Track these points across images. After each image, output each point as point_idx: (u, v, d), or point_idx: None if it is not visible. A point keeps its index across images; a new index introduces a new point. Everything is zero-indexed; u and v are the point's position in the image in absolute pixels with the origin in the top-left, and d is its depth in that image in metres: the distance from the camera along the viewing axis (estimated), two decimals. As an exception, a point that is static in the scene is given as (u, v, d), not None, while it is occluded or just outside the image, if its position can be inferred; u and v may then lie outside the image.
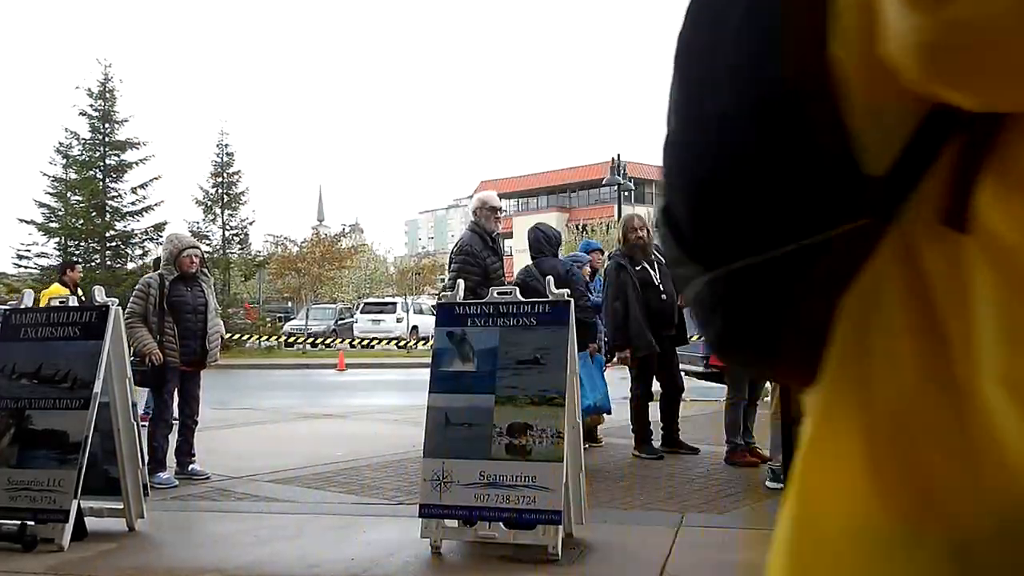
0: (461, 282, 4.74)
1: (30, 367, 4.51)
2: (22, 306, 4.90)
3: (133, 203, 26.00)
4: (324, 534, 4.39)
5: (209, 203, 29.03)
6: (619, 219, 17.18)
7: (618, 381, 9.88)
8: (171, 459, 5.95)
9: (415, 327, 27.16)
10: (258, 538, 4.33)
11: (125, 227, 25.97)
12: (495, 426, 3.95)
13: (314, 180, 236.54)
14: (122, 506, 4.51)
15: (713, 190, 0.55)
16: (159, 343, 5.79)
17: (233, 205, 29.18)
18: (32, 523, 4.17)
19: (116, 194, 25.83)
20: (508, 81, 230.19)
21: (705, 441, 7.08)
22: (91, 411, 4.29)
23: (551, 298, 4.15)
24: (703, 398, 10.70)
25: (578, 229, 47.16)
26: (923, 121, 0.48)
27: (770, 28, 0.52)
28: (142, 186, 25.95)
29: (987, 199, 0.45)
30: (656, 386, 6.93)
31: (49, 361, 4.48)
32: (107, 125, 25.54)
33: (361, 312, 31.79)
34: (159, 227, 25.70)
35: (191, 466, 6.01)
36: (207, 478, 5.95)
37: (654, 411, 6.88)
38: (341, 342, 25.51)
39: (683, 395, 7.13)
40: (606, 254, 8.00)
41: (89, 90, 25.38)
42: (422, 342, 20.15)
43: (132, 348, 5.45)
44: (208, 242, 28.15)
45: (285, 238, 32.83)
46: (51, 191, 25.59)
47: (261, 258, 30.94)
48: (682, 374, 7.33)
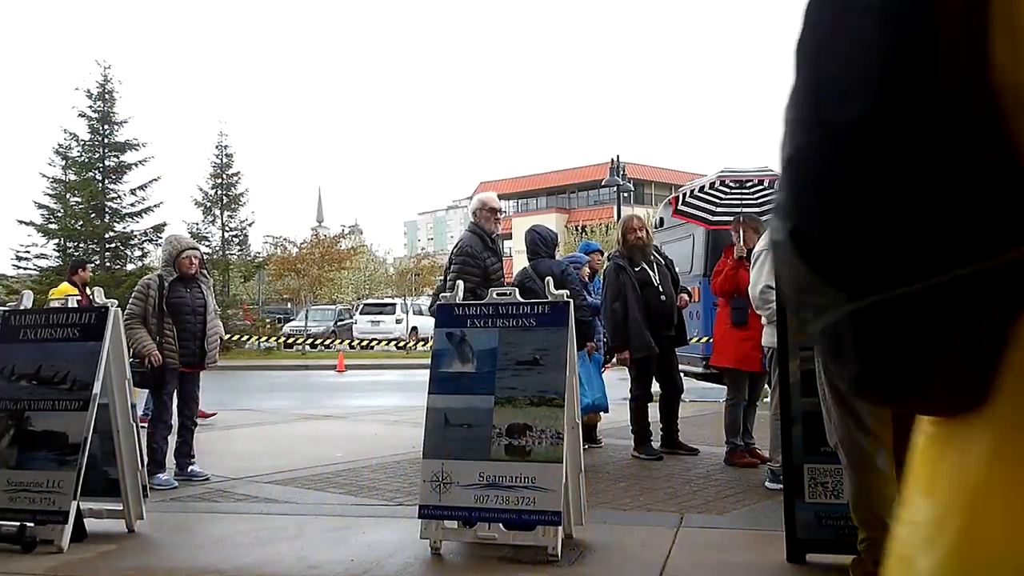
0: (460, 283, 4.74)
1: (29, 368, 4.51)
2: (21, 307, 4.89)
3: (132, 204, 25.98)
4: (324, 535, 4.39)
5: (208, 204, 29.06)
6: (618, 220, 17.18)
7: (617, 382, 9.90)
8: (170, 460, 5.96)
9: (414, 328, 27.18)
10: (258, 539, 4.33)
11: (124, 228, 25.95)
12: (495, 427, 3.95)
13: (313, 181, 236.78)
14: (121, 507, 4.51)
15: (860, 209, 0.50)
16: (158, 344, 5.80)
17: (232, 206, 29.21)
18: (31, 524, 4.17)
19: (115, 195, 25.81)
20: (507, 82, 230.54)
21: (704, 442, 7.09)
22: (90, 412, 4.29)
23: (550, 299, 4.15)
24: (702, 399, 10.72)
25: (577, 230, 47.18)
26: None
27: (914, 30, 0.48)
28: (141, 187, 25.95)
29: None
30: (655, 387, 6.93)
31: (48, 362, 4.48)
32: (106, 126, 25.52)
33: (360, 313, 31.81)
34: (158, 228, 25.70)
35: (190, 467, 6.02)
36: (206, 479, 5.96)
37: (653, 412, 6.89)
38: (340, 343, 25.49)
39: (682, 396, 7.12)
40: (605, 255, 7.99)
41: (88, 91, 25.38)
42: (421, 343, 20.13)
43: (131, 349, 5.45)
44: (207, 243, 28.18)
45: (284, 239, 32.83)
46: (50, 192, 25.56)
47: (260, 259, 30.93)
48: (681, 375, 7.33)
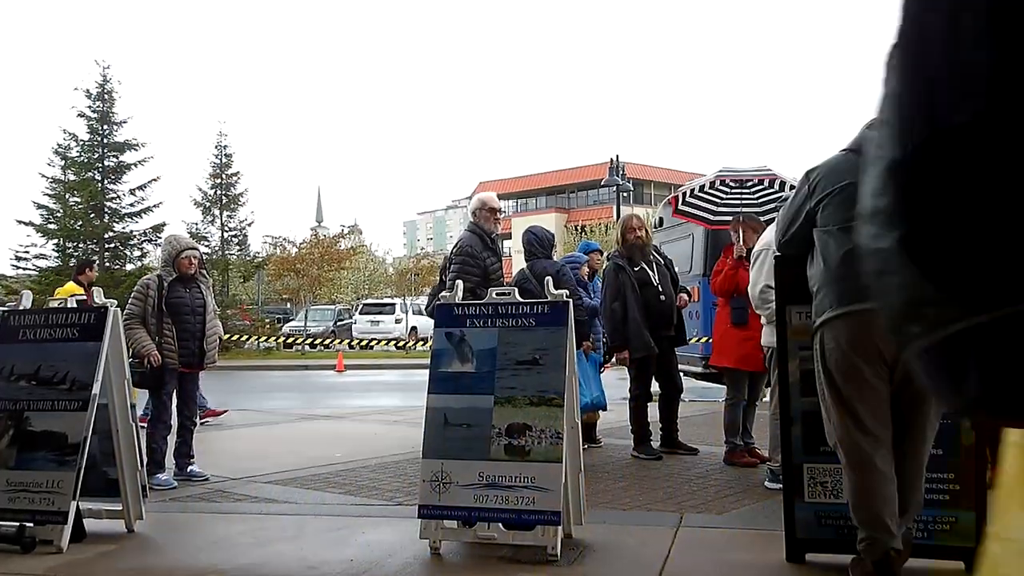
0: (460, 283, 4.74)
1: (29, 368, 4.50)
2: (20, 308, 4.89)
3: (132, 204, 25.97)
4: (323, 535, 4.39)
5: (208, 204, 29.05)
6: (618, 220, 17.17)
7: (617, 382, 9.90)
8: (170, 460, 5.96)
9: (414, 328, 27.18)
10: (257, 539, 4.33)
11: (124, 229, 25.94)
12: (494, 427, 3.95)
13: (313, 181, 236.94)
14: (121, 508, 4.51)
15: (984, 213, 0.48)
16: (157, 345, 5.79)
17: (232, 206, 29.20)
18: (31, 524, 4.17)
19: (115, 195, 25.80)
20: (506, 82, 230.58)
21: (704, 441, 7.09)
22: (90, 412, 4.28)
23: (550, 299, 4.15)
24: (702, 398, 10.72)
25: (577, 230, 47.18)
26: None
27: None
28: (141, 187, 25.93)
29: None
30: (655, 387, 6.93)
31: (48, 363, 4.48)
32: (105, 127, 25.51)
33: (360, 313, 31.80)
34: (158, 228, 25.69)
35: (190, 467, 6.02)
36: (206, 479, 5.96)
37: (653, 412, 6.88)
38: (340, 343, 25.49)
39: (682, 395, 7.12)
40: (605, 255, 7.99)
41: (87, 91, 25.36)
42: (421, 343, 20.13)
43: (131, 350, 5.45)
44: (207, 243, 28.17)
45: (284, 239, 32.78)
46: (49, 192, 25.55)
47: (260, 259, 30.92)
48: (681, 374, 7.33)
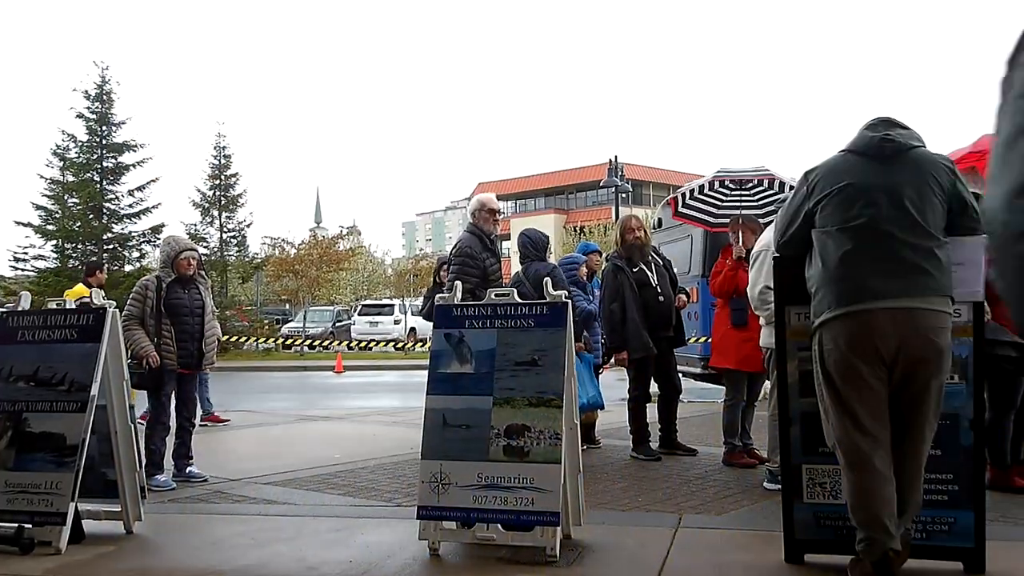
0: (459, 283, 4.74)
1: (27, 369, 4.50)
2: (19, 309, 4.88)
3: (130, 205, 25.96)
4: (322, 536, 4.38)
5: (207, 205, 29.04)
6: (616, 221, 17.18)
7: (616, 383, 9.90)
8: (168, 461, 5.96)
9: (413, 329, 27.19)
10: (256, 540, 4.33)
11: (122, 230, 25.93)
12: (493, 428, 3.94)
13: (312, 182, 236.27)
14: (119, 509, 4.50)
15: None
16: (156, 346, 5.79)
17: (231, 207, 29.19)
18: (29, 526, 4.16)
19: (113, 196, 25.79)
20: (505, 82, 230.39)
21: (703, 442, 7.09)
22: (88, 414, 4.28)
23: (548, 300, 4.15)
24: (701, 399, 10.73)
25: (576, 231, 47.20)
26: None
27: None
28: (139, 188, 25.93)
29: None
30: (654, 387, 6.93)
31: (46, 364, 4.47)
32: (104, 127, 25.50)
33: (359, 314, 31.80)
34: (156, 229, 25.68)
35: (188, 468, 6.02)
36: (205, 480, 5.95)
37: (652, 412, 6.89)
38: (339, 344, 25.49)
39: (681, 396, 7.13)
40: (603, 256, 7.99)
41: (86, 92, 25.35)
42: (420, 344, 20.12)
43: (129, 351, 5.44)
44: (206, 244, 28.18)
45: (283, 240, 32.73)
46: (48, 193, 25.53)
47: (259, 260, 30.92)
48: (680, 375, 7.34)
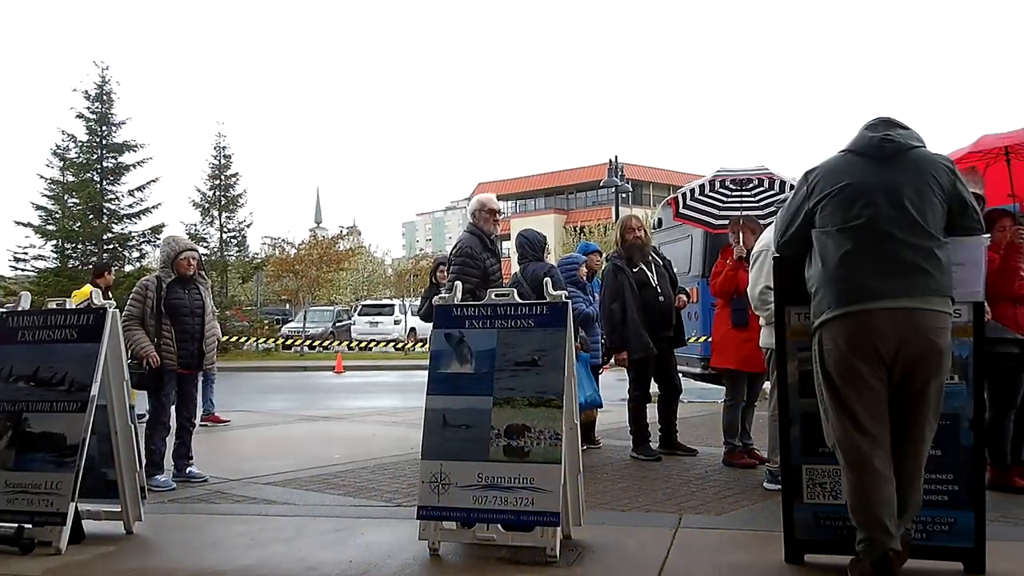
0: (459, 283, 4.74)
1: (27, 370, 4.50)
2: (19, 309, 4.88)
3: (130, 206, 25.97)
4: (322, 536, 4.38)
5: (207, 205, 29.05)
6: (616, 221, 17.17)
7: (616, 383, 9.90)
8: (168, 462, 5.96)
9: (413, 329, 27.19)
10: (256, 540, 4.33)
11: (122, 230, 25.93)
12: (493, 428, 3.94)
13: (312, 182, 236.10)
14: (119, 509, 4.50)
15: None
16: (156, 346, 5.79)
17: (231, 207, 29.20)
18: (29, 526, 4.16)
19: (113, 197, 25.79)
20: (505, 82, 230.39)
21: (703, 443, 7.09)
22: (88, 414, 4.28)
23: (548, 300, 4.15)
24: (701, 399, 10.73)
25: (576, 231, 47.20)
26: None
27: None
28: (139, 188, 25.93)
29: None
30: (654, 388, 6.93)
31: (46, 364, 4.47)
32: (104, 128, 25.50)
33: (359, 314, 31.81)
34: (156, 230, 25.69)
35: (188, 469, 6.02)
36: (205, 481, 5.95)
37: (652, 413, 6.88)
38: (339, 344, 25.50)
39: (681, 397, 7.12)
40: (604, 256, 7.98)
41: (86, 92, 25.36)
42: (420, 344, 20.12)
43: (129, 351, 5.44)
44: (206, 244, 28.18)
45: (283, 240, 32.72)
46: (48, 194, 25.54)
47: (259, 260, 30.92)
48: (680, 375, 7.33)
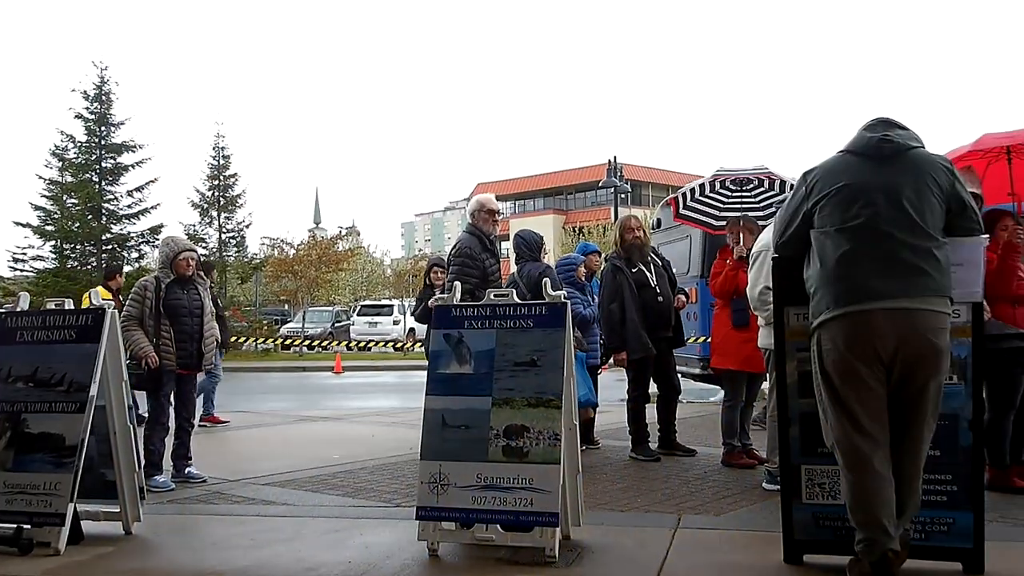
0: (458, 284, 4.75)
1: (26, 370, 4.49)
2: (18, 309, 4.88)
3: (129, 206, 26.01)
4: (321, 537, 4.38)
5: (205, 206, 29.07)
6: (615, 221, 17.18)
7: (615, 383, 9.90)
8: (167, 462, 5.95)
9: (412, 329, 27.17)
10: (255, 541, 4.32)
11: (121, 230, 25.95)
12: (492, 428, 3.94)
13: (311, 183, 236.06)
14: (118, 509, 4.50)
15: None
16: (155, 346, 5.79)
17: (229, 208, 29.22)
18: (28, 526, 4.16)
19: (112, 197, 25.82)
20: (504, 83, 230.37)
21: (702, 443, 7.10)
22: (87, 414, 4.27)
23: (547, 300, 4.15)
24: (700, 400, 10.73)
25: (575, 231, 47.22)
26: None
27: None
28: (138, 189, 25.96)
29: None
30: (653, 388, 6.93)
31: (45, 364, 4.46)
32: (103, 128, 25.52)
33: (358, 314, 31.83)
34: (155, 230, 25.71)
35: (187, 469, 6.01)
36: (203, 481, 5.95)
37: (651, 413, 6.89)
38: (338, 344, 25.50)
39: (680, 397, 7.12)
40: (603, 256, 7.99)
41: (85, 93, 25.38)
42: (419, 344, 20.12)
43: (128, 351, 5.44)
44: (205, 245, 28.18)
45: (282, 241, 32.70)
46: (47, 194, 25.55)
47: (258, 261, 30.94)
48: (679, 376, 7.33)
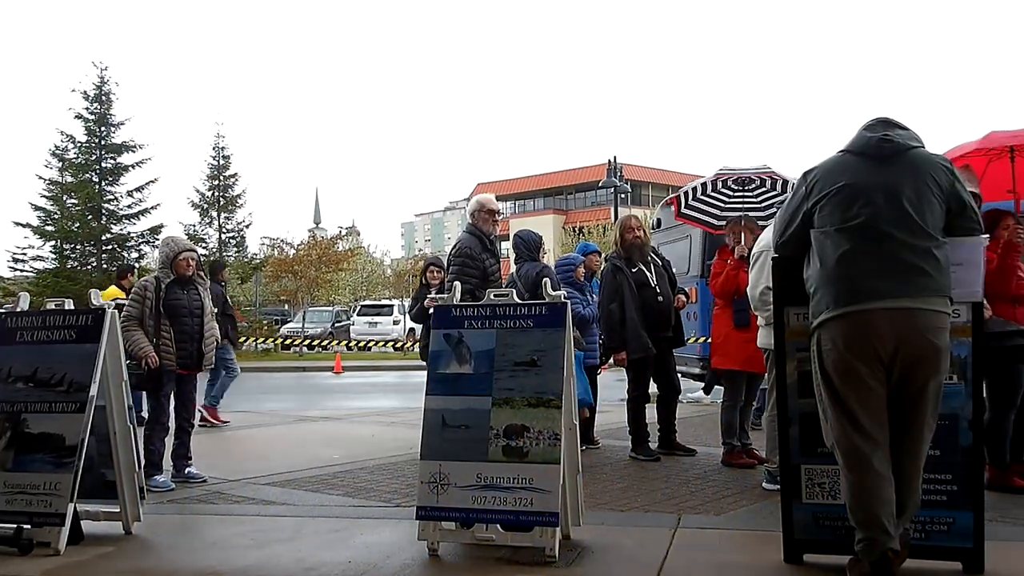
0: (458, 284, 4.75)
1: (26, 370, 4.49)
2: (18, 309, 4.88)
3: (129, 206, 26.05)
4: (321, 536, 4.38)
5: (205, 206, 29.07)
6: (615, 221, 17.18)
7: (615, 383, 9.90)
8: (167, 462, 5.96)
9: (412, 329, 27.16)
10: (255, 541, 4.33)
11: (121, 230, 25.99)
12: (492, 428, 3.94)
13: (311, 183, 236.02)
14: (118, 509, 4.50)
15: None
16: (155, 346, 5.79)
17: (229, 208, 29.23)
18: (28, 526, 4.16)
19: (112, 197, 25.85)
20: (504, 83, 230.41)
21: (702, 443, 7.10)
22: (87, 414, 4.28)
23: (547, 300, 4.15)
24: (700, 400, 10.73)
25: (575, 231, 47.22)
26: None
27: None
28: (138, 189, 26.00)
29: None
30: (653, 388, 6.93)
31: (45, 364, 4.46)
32: (103, 128, 25.54)
33: (358, 314, 31.83)
34: (155, 230, 25.73)
35: (187, 469, 6.01)
36: (204, 481, 5.95)
37: (651, 413, 6.89)
38: (338, 344, 25.50)
39: (680, 397, 7.12)
40: (603, 256, 7.99)
41: (85, 93, 25.41)
42: (418, 344, 20.11)
43: (128, 351, 5.44)
44: (205, 245, 28.19)
45: (282, 241, 32.71)
46: (47, 194, 25.58)
47: (258, 261, 30.94)
48: (679, 376, 7.33)
